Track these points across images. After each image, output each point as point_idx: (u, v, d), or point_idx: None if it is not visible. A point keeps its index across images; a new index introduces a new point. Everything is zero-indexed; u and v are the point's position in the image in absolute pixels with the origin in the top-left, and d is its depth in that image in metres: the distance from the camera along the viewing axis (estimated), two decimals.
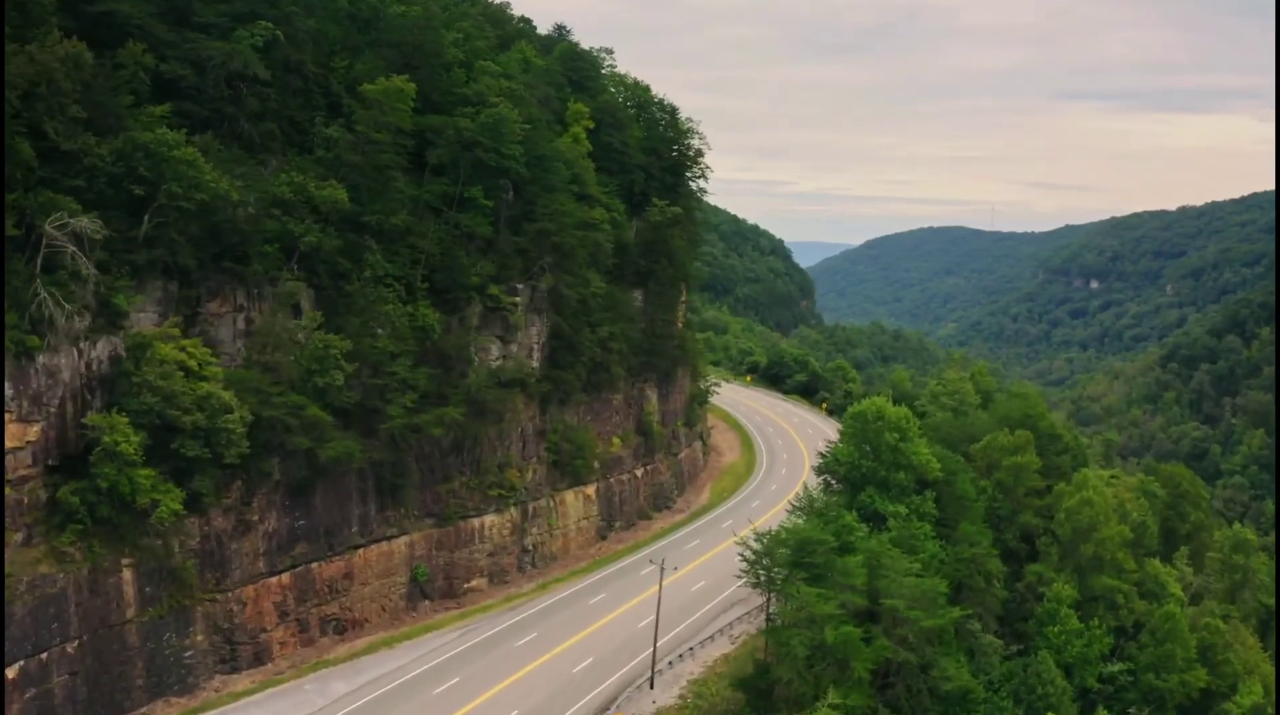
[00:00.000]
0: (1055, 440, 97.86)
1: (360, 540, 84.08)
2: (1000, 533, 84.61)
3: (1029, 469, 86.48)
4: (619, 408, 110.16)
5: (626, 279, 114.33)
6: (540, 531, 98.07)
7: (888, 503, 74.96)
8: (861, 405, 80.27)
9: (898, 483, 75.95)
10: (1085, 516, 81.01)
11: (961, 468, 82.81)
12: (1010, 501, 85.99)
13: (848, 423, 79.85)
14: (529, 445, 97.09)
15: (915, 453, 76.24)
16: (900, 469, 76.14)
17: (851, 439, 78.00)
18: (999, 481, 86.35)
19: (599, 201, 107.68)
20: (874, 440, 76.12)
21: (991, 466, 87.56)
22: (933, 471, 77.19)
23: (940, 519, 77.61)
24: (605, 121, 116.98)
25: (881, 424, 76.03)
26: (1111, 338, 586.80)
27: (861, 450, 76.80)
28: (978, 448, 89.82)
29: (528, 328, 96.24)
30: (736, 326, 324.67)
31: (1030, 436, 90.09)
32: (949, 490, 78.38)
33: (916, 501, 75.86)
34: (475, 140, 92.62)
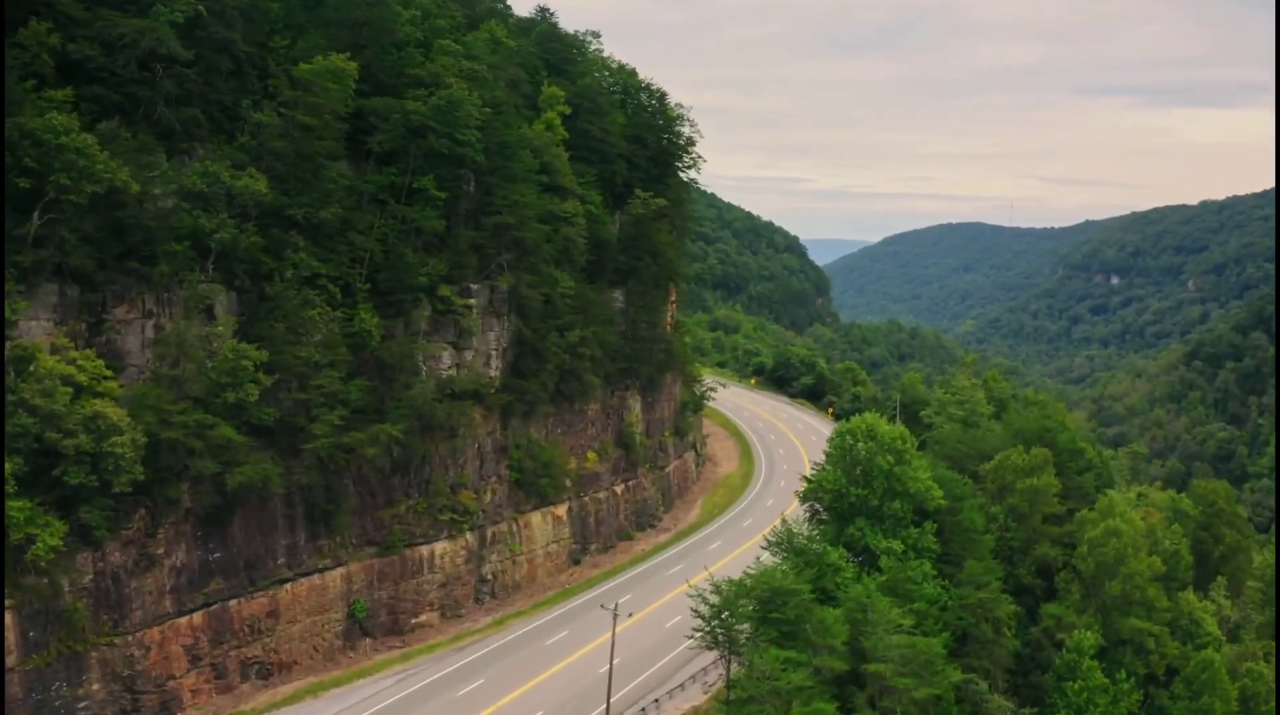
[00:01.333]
0: (1077, 456, 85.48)
1: (288, 573, 73.41)
2: (1013, 567, 72.58)
3: (1046, 493, 74.29)
4: (595, 418, 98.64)
5: (606, 278, 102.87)
6: (501, 559, 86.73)
7: (880, 537, 63.08)
8: (850, 422, 68.26)
9: (892, 513, 64.00)
10: (1111, 549, 68.74)
11: (968, 492, 70.68)
12: (1025, 530, 73.82)
13: (834, 443, 67.92)
14: (487, 463, 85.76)
15: (913, 478, 64.27)
16: (895, 497, 64.17)
17: (838, 462, 66.13)
18: (1012, 507, 74.14)
19: (572, 193, 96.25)
20: (864, 463, 64.19)
21: (1003, 490, 75.41)
22: (934, 500, 65.19)
23: (943, 554, 65.73)
24: (584, 107, 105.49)
25: (873, 445, 64.20)
26: (1133, 334, 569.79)
27: (850, 475, 64.87)
28: (988, 468, 77.65)
29: (485, 333, 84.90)
30: (748, 325, 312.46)
31: (1048, 455, 77.80)
32: (953, 521, 66.39)
33: (914, 535, 63.94)
34: (425, 125, 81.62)
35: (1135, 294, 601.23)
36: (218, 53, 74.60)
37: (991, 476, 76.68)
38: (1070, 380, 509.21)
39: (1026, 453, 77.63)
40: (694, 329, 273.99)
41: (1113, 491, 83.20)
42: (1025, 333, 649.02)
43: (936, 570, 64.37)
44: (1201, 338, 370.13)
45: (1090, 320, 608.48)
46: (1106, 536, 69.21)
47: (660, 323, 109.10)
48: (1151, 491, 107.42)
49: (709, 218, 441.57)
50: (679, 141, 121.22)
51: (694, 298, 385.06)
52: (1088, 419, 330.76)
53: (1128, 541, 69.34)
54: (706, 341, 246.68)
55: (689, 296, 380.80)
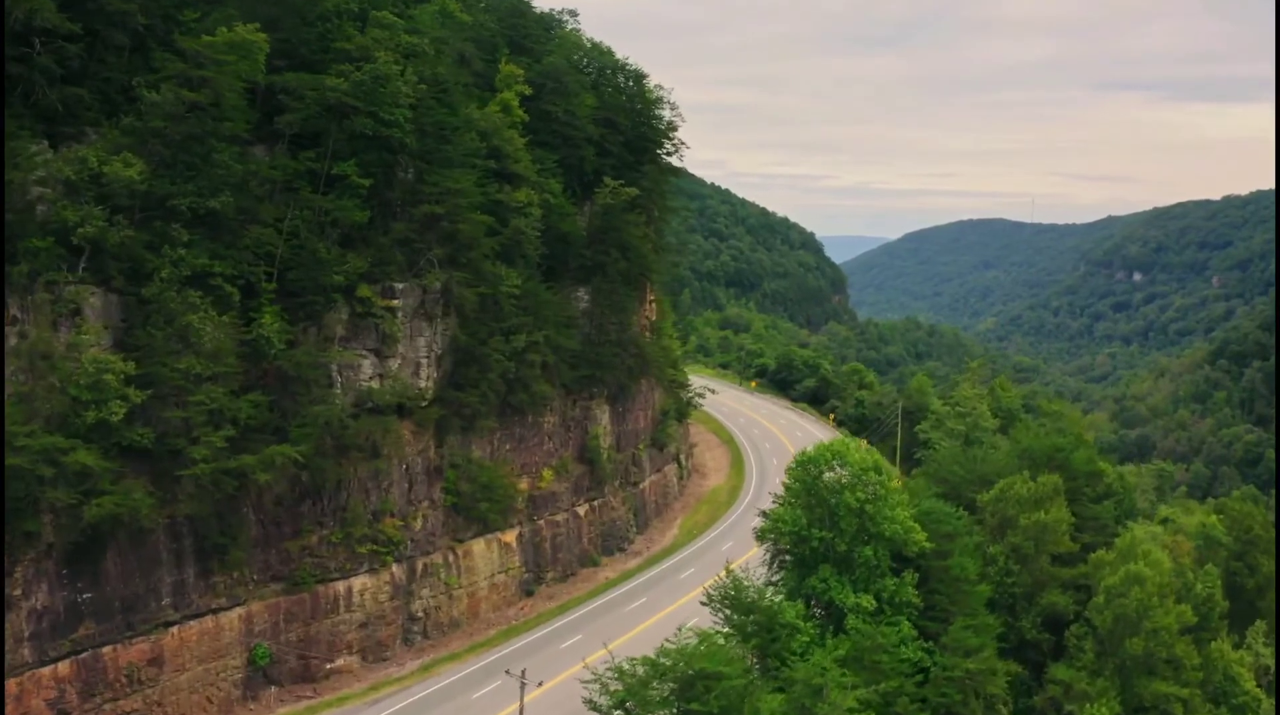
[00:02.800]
0: (1094, 480, 72.60)
1: (174, 615, 62.56)
2: (1015, 618, 59.98)
3: (1056, 529, 61.58)
4: (552, 432, 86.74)
5: (569, 275, 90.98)
6: (434, 594, 75.09)
7: (848, 590, 50.81)
8: (812, 451, 55.85)
9: (864, 561, 51.67)
10: (1133, 599, 56.03)
11: (961, 529, 58.09)
12: (1029, 574, 61.15)
13: (792, 474, 55.51)
14: (417, 486, 74.13)
15: (888, 519, 51.91)
16: (868, 541, 51.88)
17: (798, 498, 53.90)
18: (1014, 547, 61.42)
19: (526, 181, 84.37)
20: (828, 501, 51.89)
21: (1004, 525, 62.76)
22: (915, 544, 52.81)
23: (929, 606, 53.40)
24: (548, 87, 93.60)
25: (840, 479, 51.86)
26: (1156, 332, 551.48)
27: (812, 514, 52.63)
28: (986, 498, 64.97)
29: (413, 338, 73.20)
30: (759, 324, 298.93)
31: (1057, 483, 65.04)
32: (940, 567, 54.05)
33: (891, 587, 51.62)
34: (345, 103, 70.30)
35: (1158, 290, 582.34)
36: (113, 26, 64.29)
37: (990, 509, 64.00)
38: (1092, 378, 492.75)
39: (1033, 479, 64.98)
40: (701, 328, 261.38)
41: (1135, 524, 70.25)
42: (1046, 330, 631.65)
43: (918, 629, 52.11)
44: (1226, 336, 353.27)
45: (1112, 317, 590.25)
46: (1127, 584, 56.56)
47: (632, 324, 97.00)
48: (1179, 514, 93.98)
49: (723, 213, 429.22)
50: (659, 126, 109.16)
51: (706, 295, 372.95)
52: (1109, 420, 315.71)
53: (1153, 589, 56.65)
54: (711, 341, 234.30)
55: (700, 294, 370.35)
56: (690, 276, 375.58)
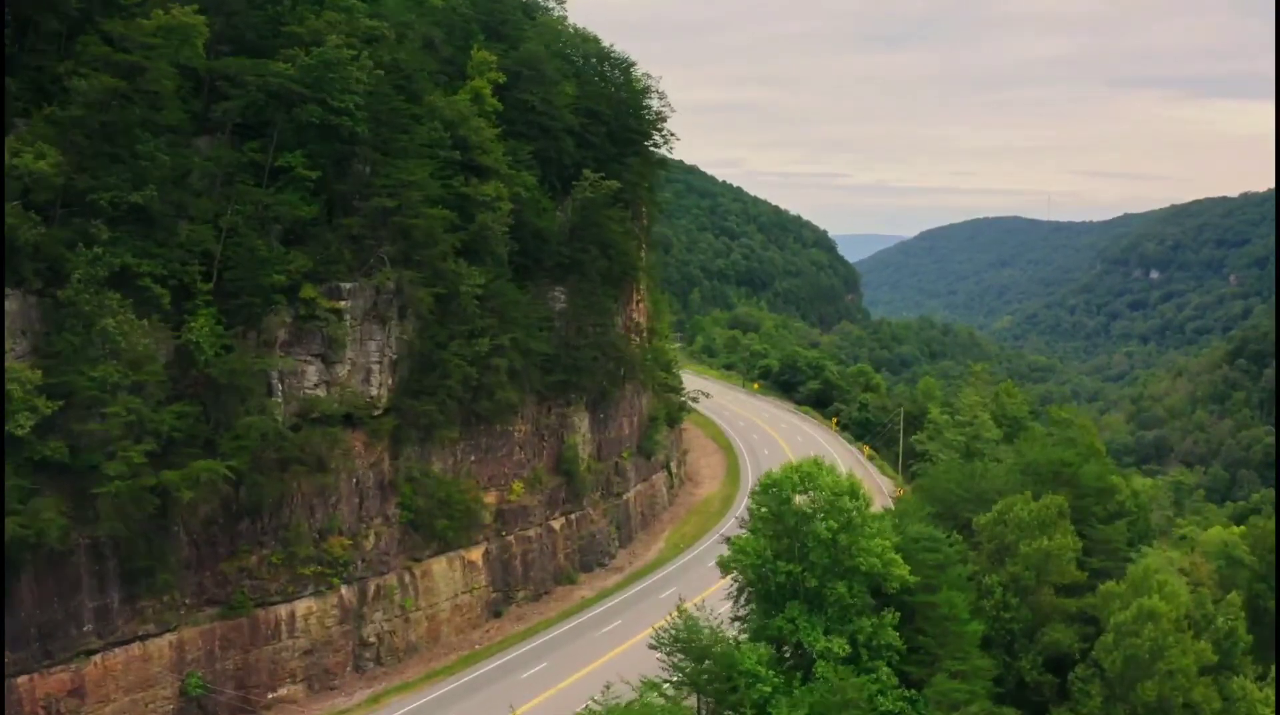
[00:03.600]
0: (1106, 497, 65.43)
1: (97, 642, 56.73)
2: (1012, 658, 53.02)
3: (1061, 557, 54.58)
4: (524, 442, 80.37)
5: (546, 274, 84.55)
6: (388, 617, 68.85)
7: (818, 632, 44.13)
8: (777, 473, 48.95)
9: (837, 598, 44.94)
10: (1146, 639, 48.98)
11: (953, 557, 51.27)
12: (1029, 608, 54.16)
13: (756, 500, 48.70)
14: (369, 502, 67.92)
15: (865, 551, 45.13)
16: (842, 576, 45.18)
17: (763, 527, 47.15)
18: (1013, 578, 54.33)
19: (496, 173, 78.03)
20: (796, 531, 45.15)
21: (1003, 552, 55.80)
22: (896, 578, 46.02)
23: (911, 649, 46.61)
24: (524, 75, 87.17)
25: (809, 505, 45.12)
26: (1173, 330, 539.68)
27: (778, 544, 45.90)
28: (982, 522, 57.99)
29: (363, 342, 66.97)
30: (769, 323, 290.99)
31: (1062, 504, 57.88)
32: (927, 605, 47.26)
33: (868, 628, 44.85)
34: (290, 90, 64.37)
35: (1175, 288, 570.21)
36: (44, 11, 58.69)
37: (987, 534, 57.02)
38: (1109, 378, 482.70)
39: (1036, 498, 58.03)
40: (709, 328, 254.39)
41: (1150, 549, 63.04)
42: (1063, 329, 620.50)
43: (900, 675, 45.38)
44: (1245, 334, 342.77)
45: (1129, 316, 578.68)
46: (1140, 621, 49.53)
47: (613, 326, 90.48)
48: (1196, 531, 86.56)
49: (734, 211, 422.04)
50: (647, 116, 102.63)
51: (716, 294, 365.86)
52: (1126, 421, 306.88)
53: (1168, 626, 49.65)
54: (717, 341, 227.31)
55: (711, 293, 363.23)
56: (700, 275, 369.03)
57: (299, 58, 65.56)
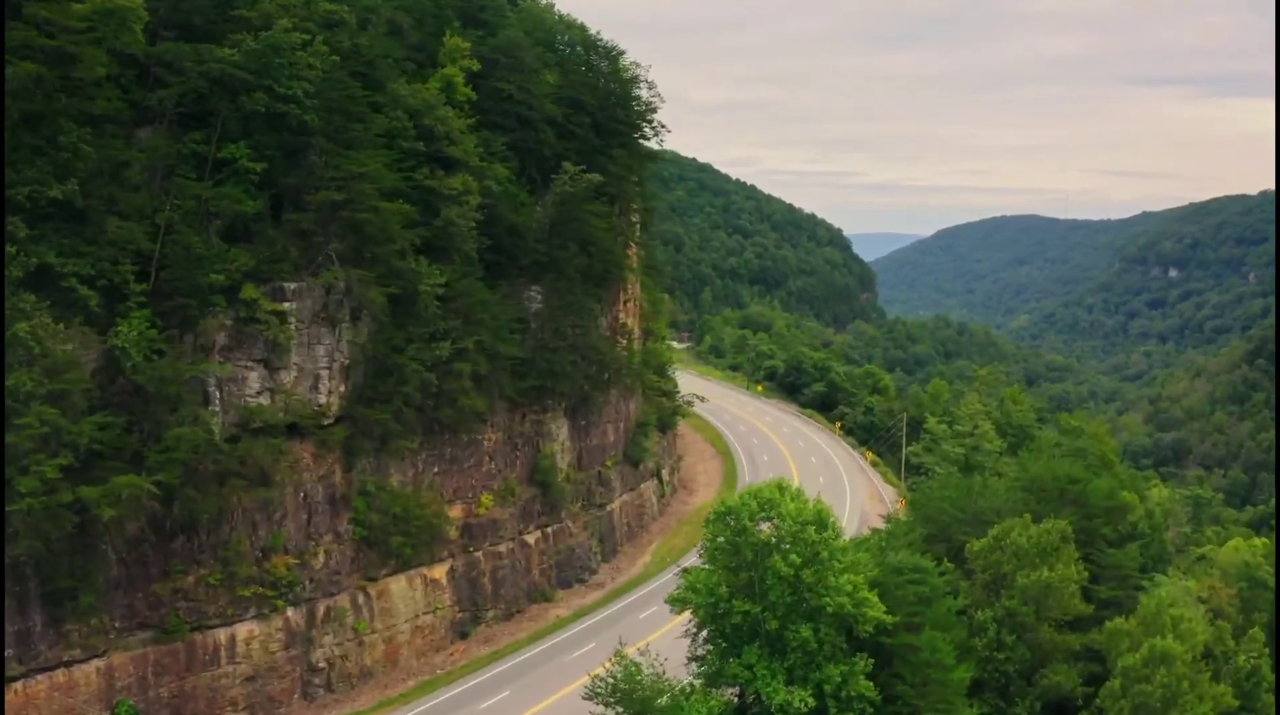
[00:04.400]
0: (1118, 516, 58.94)
1: (18, 669, 51.76)
2: (1007, 704, 46.75)
3: (1063, 591, 48.23)
4: (495, 451, 74.58)
5: (523, 273, 78.73)
6: (340, 640, 63.23)
7: (779, 682, 37.98)
8: (733, 501, 42.65)
9: (801, 643, 38.77)
10: (1158, 685, 42.70)
11: (941, 590, 45.04)
12: (1027, 647, 47.79)
13: (710, 529, 42.50)
14: (319, 517, 62.30)
15: (833, 589, 38.96)
16: (808, 617, 39.05)
17: (717, 559, 41.05)
18: (1009, 613, 48.06)
19: (465, 166, 72.31)
20: (757, 565, 38.95)
21: (998, 583, 49.53)
22: (870, 620, 39.79)
23: (888, 699, 40.38)
24: (500, 63, 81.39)
25: (768, 537, 38.97)
26: (1192, 329, 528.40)
27: (735, 579, 39.73)
28: (975, 549, 51.59)
29: (310, 346, 61.33)
30: (781, 322, 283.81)
31: (1066, 530, 51.52)
32: (907, 648, 41.02)
33: (837, 676, 38.65)
34: (232, 76, 58.98)
35: (1194, 287, 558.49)
36: None
37: (981, 562, 50.70)
38: (1127, 377, 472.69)
39: (1037, 519, 51.68)
40: (719, 327, 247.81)
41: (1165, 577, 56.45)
42: (1080, 328, 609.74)
43: None
44: (1264, 333, 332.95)
45: (1148, 314, 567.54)
46: (1151, 665, 43.24)
47: (595, 327, 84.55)
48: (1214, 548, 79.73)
49: (747, 210, 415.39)
50: (636, 107, 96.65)
51: (729, 293, 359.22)
52: (1143, 423, 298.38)
53: (1182, 670, 43.31)
54: (725, 342, 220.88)
55: (723, 292, 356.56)
56: (712, 274, 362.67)
57: (245, 43, 60.25)
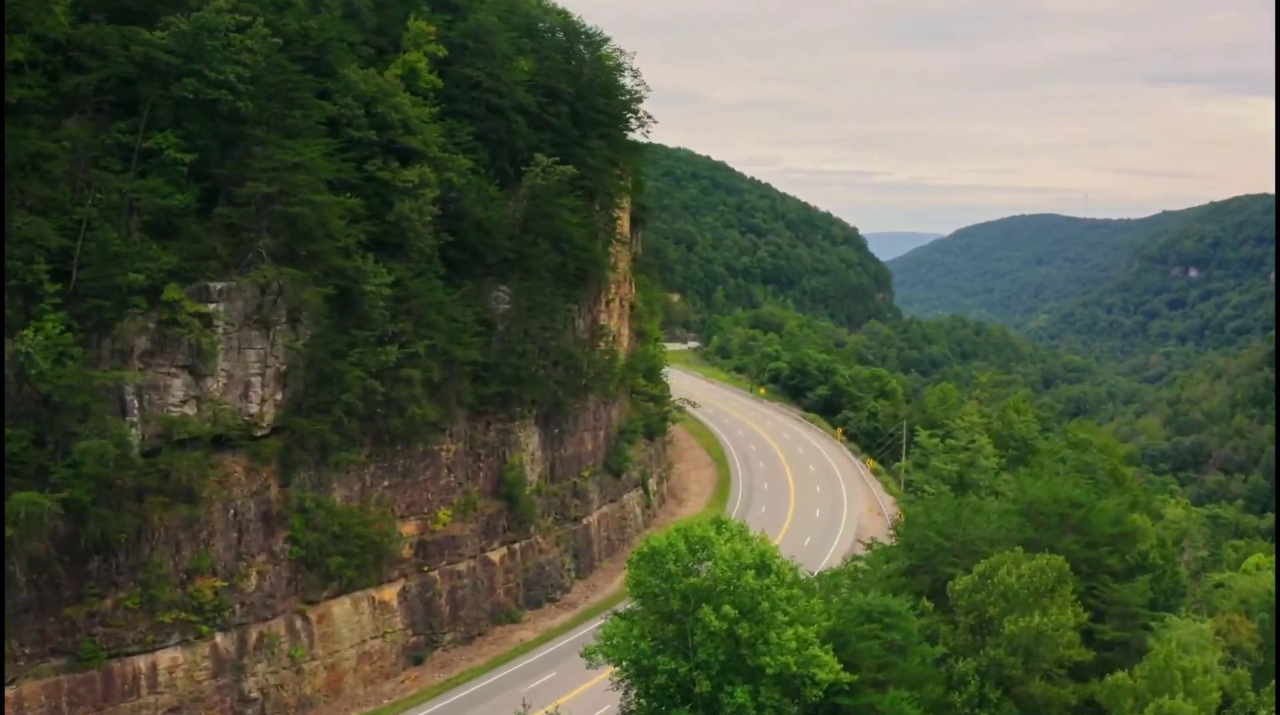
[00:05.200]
0: (1126, 544, 52.46)
1: None
2: None
3: (1057, 640, 41.79)
4: (455, 462, 68.85)
5: (489, 271, 72.99)
6: (275, 669, 57.69)
7: None
8: (659, 538, 36.43)
9: (734, 709, 32.66)
10: None
11: (914, 639, 38.82)
12: (1015, 703, 41.42)
13: (633, 572, 36.29)
14: (251, 536, 56.76)
15: (777, 646, 32.80)
16: (746, 678, 32.96)
17: (643, 610, 34.95)
18: (995, 663, 41.80)
19: (424, 157, 66.66)
20: (687, 616, 32.95)
21: (984, 628, 43.23)
22: (822, 681, 33.56)
23: None
24: (470, 49, 75.69)
25: (698, 585, 32.84)
26: (1212, 330, 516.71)
27: (662, 631, 33.76)
28: (960, 586, 45.19)
29: (241, 351, 55.80)
30: (792, 322, 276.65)
31: (1063, 567, 45.06)
32: (867, 711, 34.77)
33: None
34: (158, 60, 53.72)
35: (1214, 287, 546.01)
36: None
37: (965, 603, 44.37)
38: (1146, 379, 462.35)
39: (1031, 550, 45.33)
40: (729, 327, 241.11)
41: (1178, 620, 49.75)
42: (1099, 328, 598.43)
43: None
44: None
45: (1167, 315, 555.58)
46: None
47: (569, 329, 78.76)
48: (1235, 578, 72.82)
49: (761, 208, 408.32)
50: (620, 97, 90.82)
51: (741, 292, 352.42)
52: (1162, 426, 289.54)
53: None
54: (733, 342, 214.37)
55: (735, 291, 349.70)
56: (725, 273, 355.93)
57: (175, 24, 54.85)
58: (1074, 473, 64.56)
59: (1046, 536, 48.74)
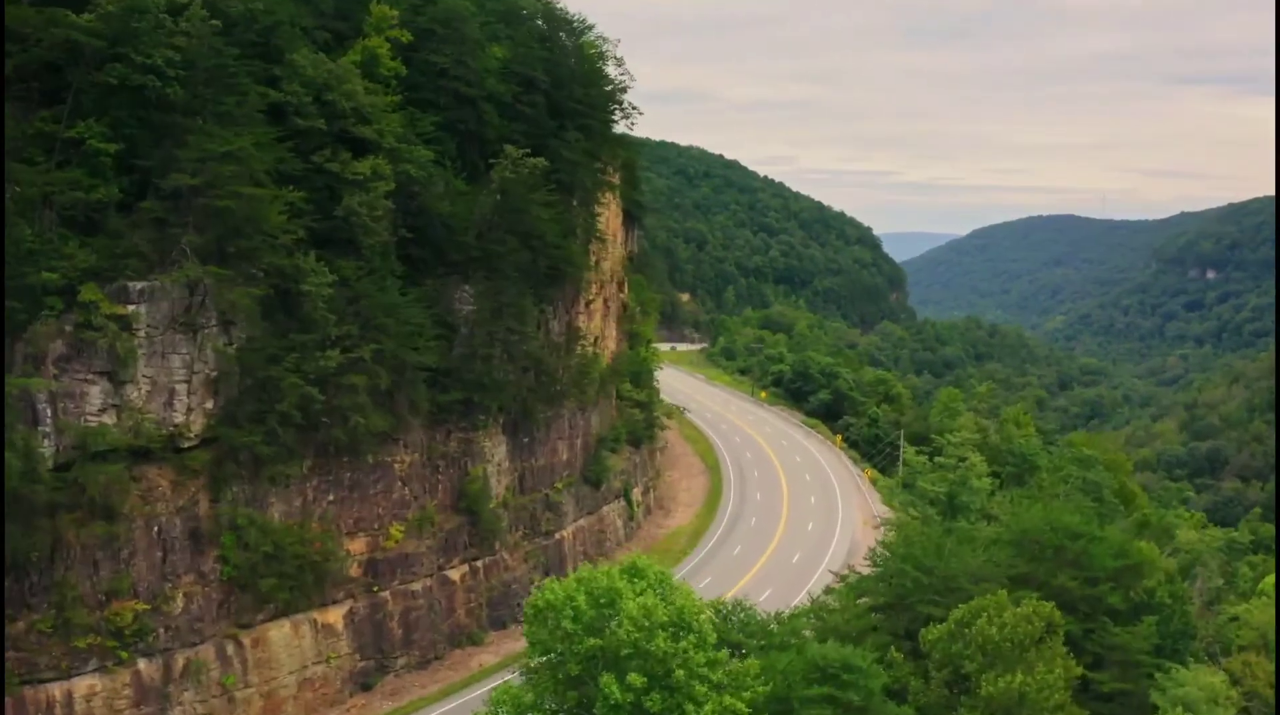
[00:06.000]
0: (1130, 578, 46.79)
1: None
2: None
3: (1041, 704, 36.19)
4: (410, 475, 63.96)
5: (451, 270, 68.10)
6: (204, 698, 52.94)
7: None
8: (555, 589, 31.16)
9: None
10: None
11: (874, 700, 33.45)
12: None
13: (528, 630, 31.15)
14: (177, 555, 52.07)
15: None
16: None
17: (539, 676, 29.93)
18: None
19: (379, 147, 61.84)
20: (585, 684, 27.92)
21: (959, 685, 37.71)
22: None
23: None
24: (436, 34, 70.80)
25: (600, 646, 27.80)
26: (1230, 332, 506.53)
27: (560, 700, 28.69)
28: (933, 637, 39.71)
29: (165, 357, 51.05)
30: (802, 323, 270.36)
31: (1053, 615, 39.38)
32: None
33: None
34: (82, 44, 49.31)
35: (1233, 289, 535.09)
36: None
37: (939, 655, 38.85)
38: (1163, 382, 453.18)
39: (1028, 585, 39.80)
40: (737, 328, 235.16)
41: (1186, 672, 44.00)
42: (1116, 329, 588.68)
43: None
44: None
45: (1185, 317, 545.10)
46: None
47: (541, 332, 73.75)
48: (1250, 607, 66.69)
49: (774, 207, 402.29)
50: (604, 87, 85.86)
51: (753, 292, 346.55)
52: (1179, 430, 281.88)
53: None
54: (738, 343, 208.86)
55: (746, 291, 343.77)
56: (736, 273, 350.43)
57: (102, 6, 50.30)
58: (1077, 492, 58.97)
59: (1040, 571, 43.34)
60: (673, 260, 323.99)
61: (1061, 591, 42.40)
